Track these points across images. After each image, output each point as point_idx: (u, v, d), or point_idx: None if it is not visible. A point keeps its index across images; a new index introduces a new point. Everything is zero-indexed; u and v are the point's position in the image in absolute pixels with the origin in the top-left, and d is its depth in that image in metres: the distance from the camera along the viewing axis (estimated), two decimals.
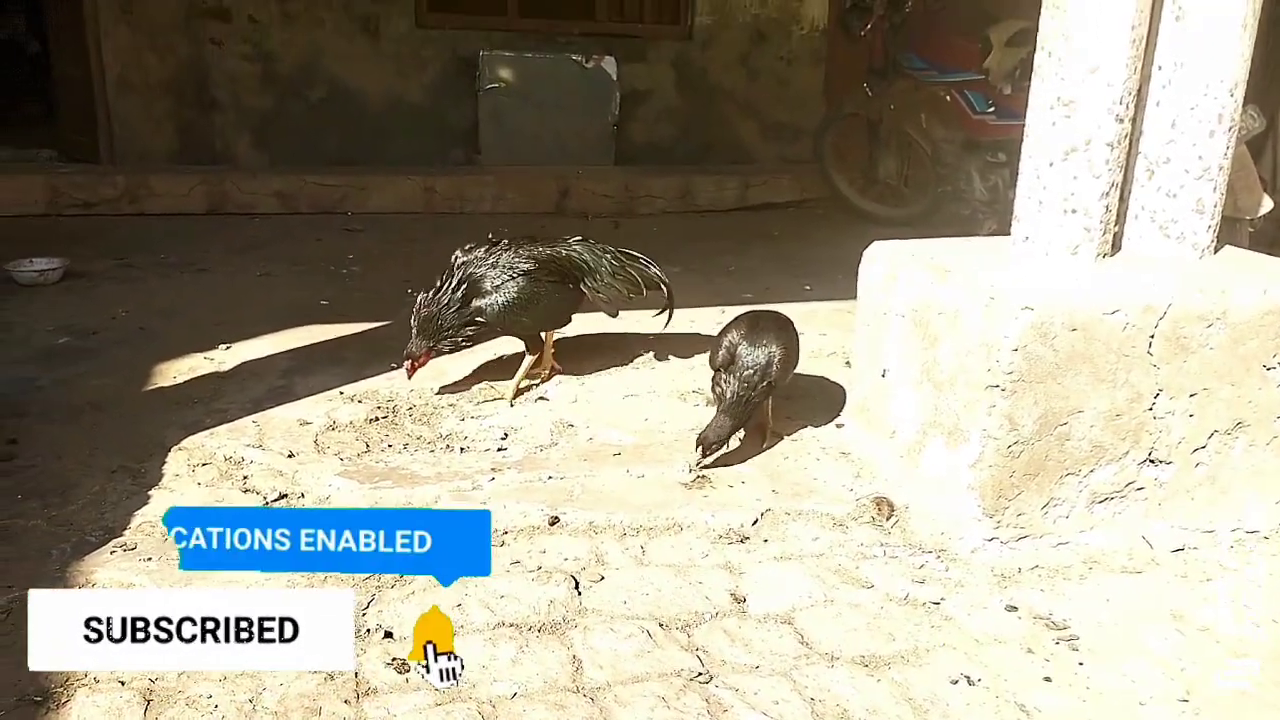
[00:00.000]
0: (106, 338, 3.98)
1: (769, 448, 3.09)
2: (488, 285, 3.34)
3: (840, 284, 4.10)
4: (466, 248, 3.47)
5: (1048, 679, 2.11)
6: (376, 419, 3.23)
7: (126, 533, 2.49)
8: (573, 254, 3.55)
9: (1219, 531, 2.67)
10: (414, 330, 3.29)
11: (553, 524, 2.63)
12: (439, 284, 3.34)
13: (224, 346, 3.84)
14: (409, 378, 3.31)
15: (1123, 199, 2.80)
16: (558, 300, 3.50)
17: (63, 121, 7.40)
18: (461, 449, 3.06)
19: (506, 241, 3.48)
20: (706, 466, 2.91)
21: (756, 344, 2.94)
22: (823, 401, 3.45)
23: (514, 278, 3.36)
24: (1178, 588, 2.47)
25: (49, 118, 8.10)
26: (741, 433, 3.22)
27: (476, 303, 3.33)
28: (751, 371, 2.89)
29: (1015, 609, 2.35)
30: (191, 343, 3.86)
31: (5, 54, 9.77)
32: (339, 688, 1.98)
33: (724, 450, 2.95)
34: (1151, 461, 2.62)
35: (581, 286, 3.54)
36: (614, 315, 3.70)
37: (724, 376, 2.95)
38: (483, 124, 7.38)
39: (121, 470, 2.82)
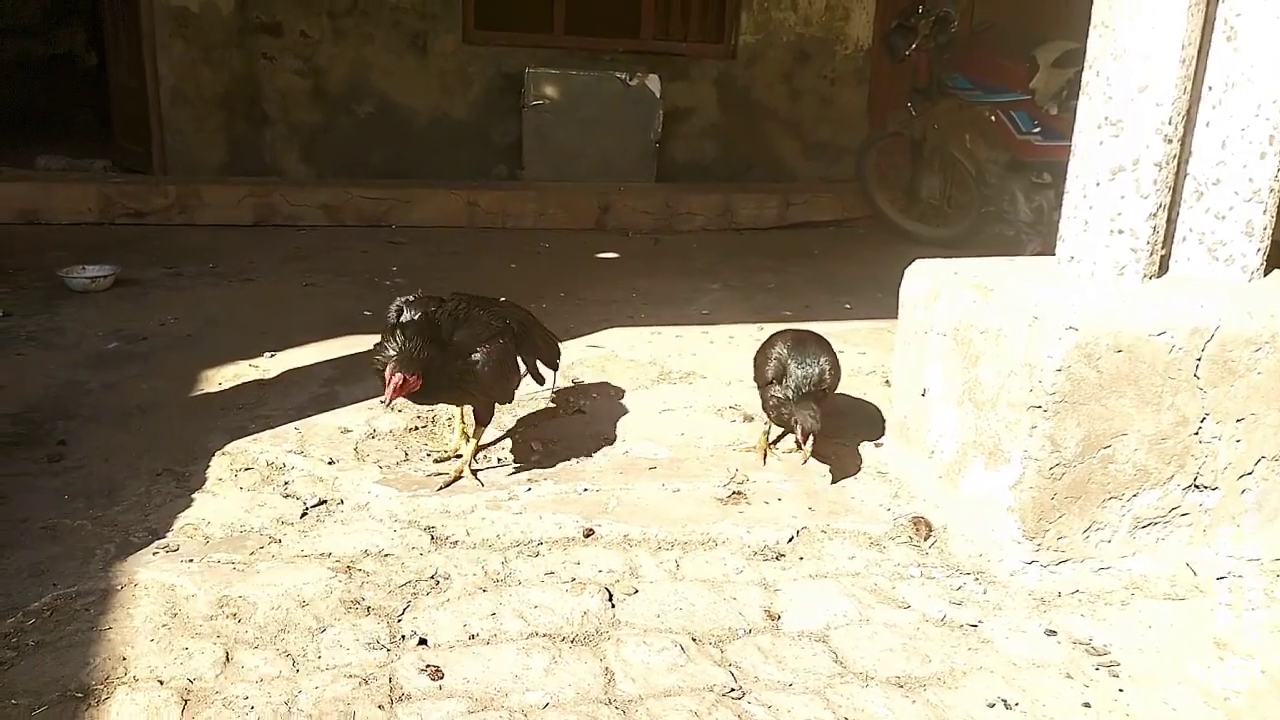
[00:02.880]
0: (155, 343, 4.06)
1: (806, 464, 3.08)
2: (468, 342, 2.75)
3: (880, 303, 4.10)
4: (409, 299, 2.78)
5: (1087, 705, 2.07)
6: (416, 428, 3.25)
7: (169, 534, 2.53)
8: (519, 315, 3.07)
9: (1264, 560, 2.61)
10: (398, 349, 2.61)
11: (588, 536, 2.64)
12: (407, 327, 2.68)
13: (269, 354, 3.90)
14: (388, 400, 2.62)
15: (1170, 220, 2.76)
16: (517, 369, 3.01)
17: (117, 132, 7.57)
18: (499, 460, 3.07)
19: (453, 297, 2.86)
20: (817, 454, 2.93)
21: (805, 355, 2.94)
22: (861, 420, 3.43)
23: (496, 338, 2.81)
24: (1222, 616, 2.41)
25: (104, 128, 8.31)
26: (781, 448, 3.22)
27: (466, 361, 2.73)
28: (806, 378, 2.90)
29: (1055, 633, 2.31)
30: (237, 350, 3.92)
31: (64, 67, 10.04)
32: (373, 692, 2.00)
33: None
34: (1196, 487, 2.57)
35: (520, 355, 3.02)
36: (543, 384, 3.19)
37: (776, 389, 2.94)
38: (526, 140, 7.44)
39: (166, 473, 2.87)
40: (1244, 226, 2.72)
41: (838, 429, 3.33)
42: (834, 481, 3.00)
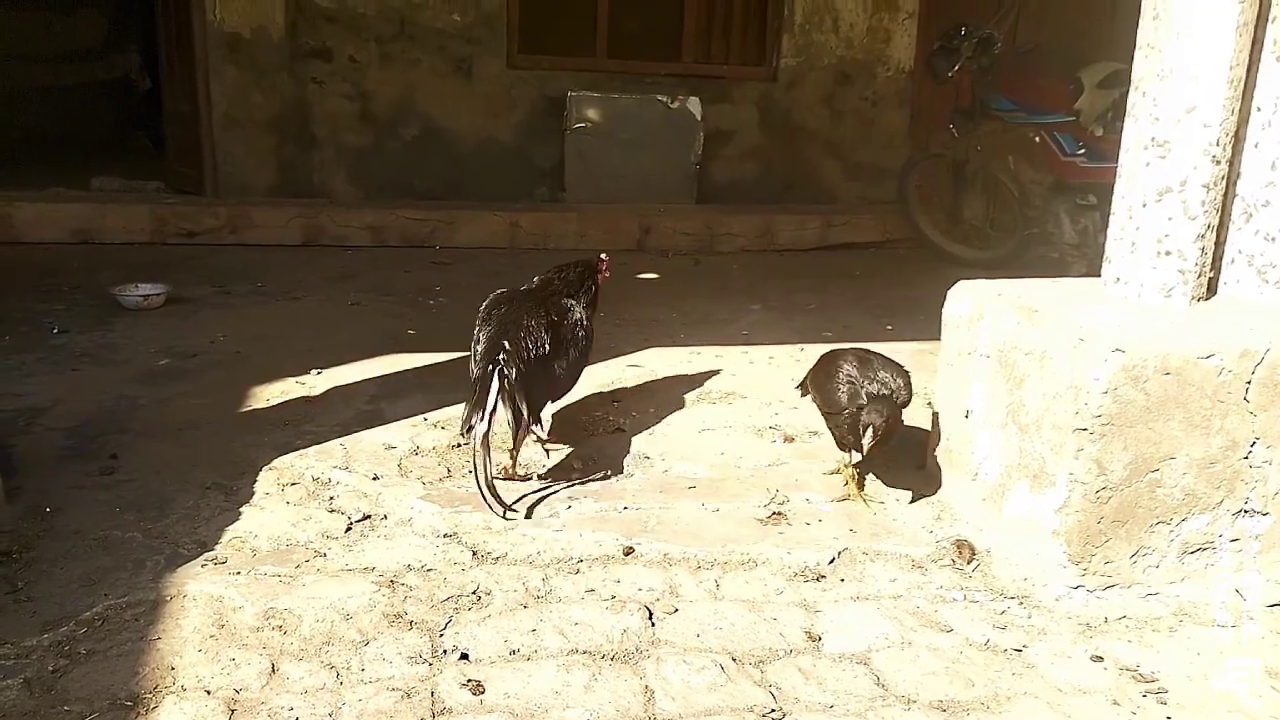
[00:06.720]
0: (205, 360, 4.14)
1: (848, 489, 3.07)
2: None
3: (922, 324, 4.07)
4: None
5: None
6: (459, 445, 3.28)
7: (218, 547, 2.58)
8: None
9: None
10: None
11: (627, 554, 2.64)
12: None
13: (315, 372, 3.96)
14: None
15: (1218, 242, 2.73)
16: None
17: (170, 155, 7.76)
18: (540, 476, 3.09)
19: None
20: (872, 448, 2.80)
21: (874, 373, 2.87)
22: (903, 442, 3.40)
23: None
24: (1273, 644, 2.37)
25: (157, 151, 8.51)
26: (826, 466, 3.21)
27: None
28: (889, 393, 2.83)
29: (1101, 659, 2.28)
30: (285, 367, 3.99)
31: (119, 91, 10.32)
32: (415, 706, 2.01)
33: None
34: (1246, 512, 2.53)
35: None
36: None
37: (850, 412, 2.85)
38: (568, 162, 7.51)
39: (215, 487, 2.92)
40: None
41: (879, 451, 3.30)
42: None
